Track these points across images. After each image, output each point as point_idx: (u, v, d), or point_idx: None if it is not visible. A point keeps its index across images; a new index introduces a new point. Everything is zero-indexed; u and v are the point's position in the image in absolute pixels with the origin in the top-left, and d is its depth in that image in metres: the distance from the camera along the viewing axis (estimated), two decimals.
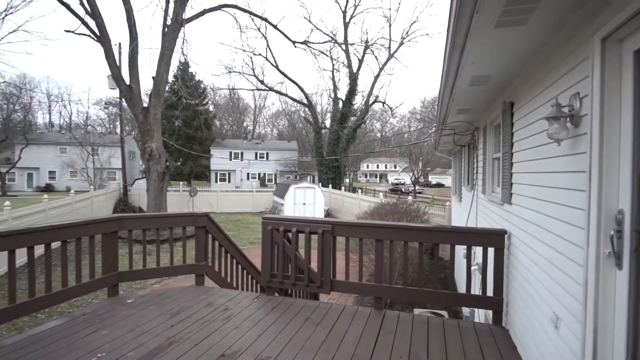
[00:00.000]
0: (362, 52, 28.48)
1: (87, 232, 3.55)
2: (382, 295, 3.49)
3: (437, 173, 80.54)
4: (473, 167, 5.97)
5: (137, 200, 21.23)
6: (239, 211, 22.21)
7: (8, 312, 2.87)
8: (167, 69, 14.05)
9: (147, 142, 13.91)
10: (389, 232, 3.45)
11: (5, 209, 9.31)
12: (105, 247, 3.75)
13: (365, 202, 17.57)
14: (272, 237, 3.83)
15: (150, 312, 3.39)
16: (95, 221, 3.64)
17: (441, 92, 3.91)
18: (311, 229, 3.66)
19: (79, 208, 14.33)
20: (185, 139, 40.98)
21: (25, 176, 38.77)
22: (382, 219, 8.92)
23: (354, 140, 31.73)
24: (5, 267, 2.92)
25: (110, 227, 3.76)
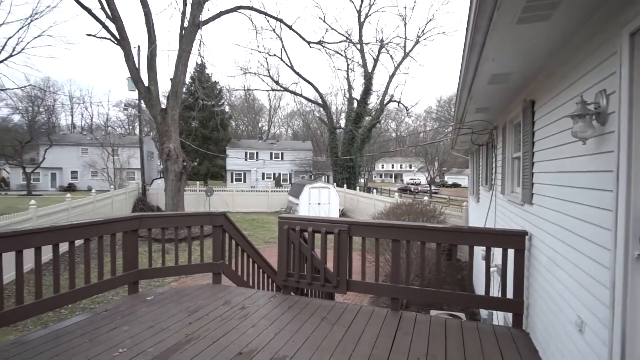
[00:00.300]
0: (377, 52, 28.35)
1: (108, 231, 3.64)
2: (398, 296, 3.46)
3: (454, 173, 79.47)
4: (491, 166, 5.86)
5: (156, 199, 21.67)
6: (254, 211, 22.39)
7: (34, 307, 2.97)
8: (184, 70, 14.28)
9: (165, 142, 14.17)
10: (405, 232, 3.41)
11: (31, 208, 9.64)
12: (126, 245, 3.84)
13: (381, 202, 17.47)
14: (288, 237, 3.84)
15: (169, 309, 3.46)
16: (116, 220, 3.73)
17: (459, 90, 3.86)
18: (327, 228, 3.66)
19: (100, 207, 14.72)
20: (202, 140, 41.59)
21: (49, 176, 40.03)
22: (398, 219, 8.85)
23: (368, 140, 31.59)
24: (31, 264, 3.02)
25: (130, 226, 3.85)
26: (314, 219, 3.77)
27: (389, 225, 3.51)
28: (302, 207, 19.42)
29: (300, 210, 19.47)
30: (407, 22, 27.82)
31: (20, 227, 9.11)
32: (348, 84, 31.48)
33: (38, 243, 2.97)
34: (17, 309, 2.84)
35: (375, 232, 3.56)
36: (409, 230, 3.40)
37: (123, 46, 13.33)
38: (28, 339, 2.81)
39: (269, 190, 24.19)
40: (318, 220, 3.76)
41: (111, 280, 3.68)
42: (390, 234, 3.48)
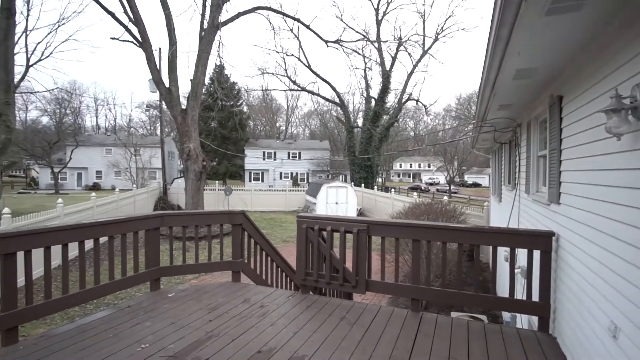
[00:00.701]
0: (395, 50, 28.03)
1: (131, 228, 3.72)
2: (419, 297, 3.40)
3: (474, 172, 77.92)
4: (515, 165, 5.70)
5: (176, 198, 22.11)
6: (272, 210, 22.55)
7: (60, 302, 3.06)
8: (204, 71, 14.50)
9: (185, 142, 14.43)
10: (427, 232, 3.35)
11: (58, 206, 9.98)
12: (148, 243, 3.91)
13: (399, 202, 17.29)
14: (307, 236, 3.84)
15: (190, 306, 3.50)
16: (139, 218, 3.81)
17: (482, 87, 3.76)
18: (346, 228, 3.63)
19: (123, 206, 15.11)
20: (221, 140, 42.17)
21: (75, 175, 41.44)
22: (417, 219, 8.72)
23: (386, 139, 31.31)
24: (58, 260, 3.12)
25: (152, 224, 3.92)
26: (332, 218, 3.75)
27: (410, 225, 3.45)
28: (319, 207, 19.43)
29: (317, 209, 19.48)
30: (425, 19, 27.41)
31: (48, 224, 9.46)
32: (366, 82, 31.30)
33: (65, 240, 3.06)
34: (45, 304, 2.93)
35: (395, 231, 3.51)
36: (431, 230, 3.33)
37: (145, 48, 13.65)
38: (55, 332, 2.89)
39: (287, 190, 24.32)
40: (337, 220, 3.74)
41: (134, 277, 3.76)
42: (410, 233, 3.42)
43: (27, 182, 43.80)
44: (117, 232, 3.57)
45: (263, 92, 71.95)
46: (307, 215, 3.89)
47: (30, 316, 2.86)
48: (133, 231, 3.74)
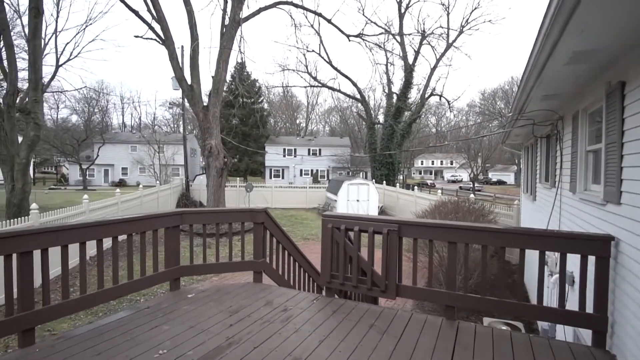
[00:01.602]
0: (418, 43, 27.33)
1: (151, 226, 3.60)
2: (455, 304, 3.12)
3: (498, 170, 75.85)
4: (554, 161, 5.28)
5: (198, 195, 22.34)
6: (292, 207, 22.47)
7: (78, 302, 2.95)
8: (225, 67, 14.47)
9: (207, 139, 14.46)
10: (465, 234, 3.05)
11: (84, 202, 10.13)
12: (167, 241, 3.78)
13: (423, 200, 16.83)
14: (332, 236, 3.61)
15: (210, 308, 3.34)
16: (159, 215, 3.68)
17: (526, 74, 3.42)
18: (375, 228, 3.38)
19: (147, 202, 15.32)
20: (242, 137, 42.48)
21: (102, 172, 42.73)
22: (444, 218, 8.36)
23: (408, 136, 30.69)
24: (76, 259, 3.01)
25: (172, 222, 3.78)
26: (360, 217, 3.51)
27: (446, 225, 3.17)
28: (340, 204, 19.17)
29: (338, 206, 19.24)
30: (450, 11, 26.56)
31: (74, 220, 9.62)
32: (387, 78, 30.70)
33: (82, 238, 2.95)
34: (62, 305, 2.83)
35: (430, 233, 3.23)
36: (470, 232, 3.04)
37: (167, 46, 13.73)
38: (73, 334, 2.79)
39: (307, 187, 24.18)
40: (365, 219, 3.49)
41: (154, 276, 3.64)
42: (446, 235, 3.14)
43: (57, 179, 45.50)
44: (136, 230, 3.44)
45: (284, 89, 72.13)
46: (333, 215, 3.66)
47: (47, 317, 2.76)
48: (152, 229, 3.62)
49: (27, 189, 10.56)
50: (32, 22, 9.37)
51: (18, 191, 10.23)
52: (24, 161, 10.18)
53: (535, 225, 7.29)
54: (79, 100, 49.08)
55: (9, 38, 11.01)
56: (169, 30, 13.71)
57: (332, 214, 3.68)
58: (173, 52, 13.82)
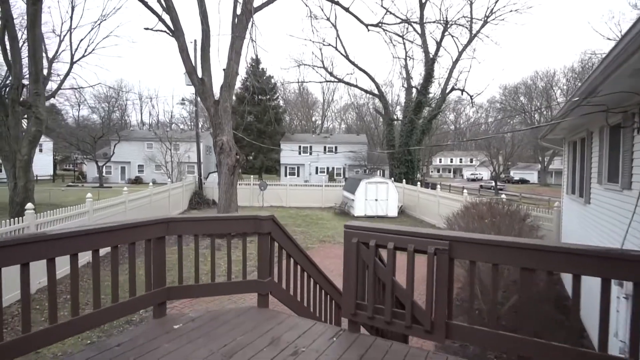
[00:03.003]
0: (440, 34, 26.05)
1: (127, 239, 2.82)
2: (534, 354, 2.21)
3: (520, 168, 73.40)
4: (628, 157, 4.28)
5: (211, 193, 21.79)
6: (307, 206, 21.69)
7: (19, 344, 2.19)
8: (237, 60, 13.74)
9: (218, 135, 13.79)
10: (552, 258, 2.15)
11: (87, 201, 9.57)
12: (150, 256, 3.01)
13: (447, 200, 15.78)
14: (358, 254, 2.76)
15: (197, 348, 2.54)
16: (138, 224, 2.90)
17: (623, 42, 2.48)
18: (417, 245, 2.51)
19: (157, 200, 14.80)
20: (257, 134, 42.00)
21: (119, 169, 42.97)
22: (480, 222, 7.39)
23: (428, 132, 29.46)
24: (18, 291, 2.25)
25: (156, 232, 3.00)
26: (396, 230, 2.63)
27: (521, 245, 2.26)
28: (357, 203, 18.27)
29: (355, 206, 18.35)
30: (473, 1, 25.12)
31: (73, 222, 9.07)
32: (406, 72, 29.49)
33: (23, 258, 2.18)
34: None
35: (496, 254, 2.33)
36: (562, 255, 2.12)
37: (177, 37, 13.09)
38: None
39: (323, 185, 23.35)
40: (403, 233, 2.62)
41: (130, 302, 2.86)
42: (521, 258, 2.24)
43: (74, 176, 46.07)
44: (106, 245, 2.67)
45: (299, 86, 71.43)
46: (360, 226, 2.80)
47: None
48: (129, 242, 2.85)
49: (30, 187, 10.08)
50: (31, 9, 8.84)
51: (20, 189, 9.76)
52: (25, 157, 9.70)
53: (588, 235, 6.26)
54: (99, 99, 49.57)
55: (12, 30, 10.55)
56: (179, 21, 13.07)
57: (359, 225, 2.82)
58: (183, 43, 13.17)
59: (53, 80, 26.09)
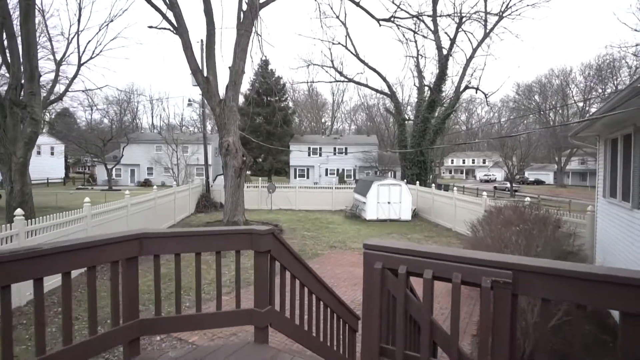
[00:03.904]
0: (454, 30, 25.17)
1: (83, 262, 2.20)
2: None
3: (534, 169, 71.73)
4: None
5: (219, 195, 21.30)
6: (317, 209, 21.06)
7: None
8: (243, 57, 13.20)
9: (224, 136, 13.26)
10: None
11: (85, 205, 9.07)
12: (116, 283, 2.39)
13: (464, 203, 14.96)
14: (383, 283, 2.09)
15: None
16: (98, 243, 2.27)
17: None
18: (466, 275, 1.83)
19: (162, 204, 14.32)
20: (266, 135, 41.59)
21: (129, 172, 42.97)
22: (507, 230, 6.63)
23: (442, 132, 28.54)
24: None
25: (125, 252, 2.39)
26: (436, 254, 1.96)
27: (615, 279, 1.56)
28: (369, 206, 17.55)
29: (367, 209, 17.63)
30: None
31: (71, 227, 8.57)
32: (418, 71, 28.67)
33: None
34: None
35: (588, 291, 1.63)
36: None
37: (181, 34, 12.62)
38: None
39: (333, 187, 22.68)
40: (445, 257, 1.93)
41: (92, 342, 2.23)
42: (621, 299, 1.54)
43: (84, 179, 46.28)
44: (55, 271, 2.06)
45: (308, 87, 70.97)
46: (386, 246, 2.13)
47: None
48: (88, 265, 2.23)
49: (27, 191, 9.65)
50: (24, 3, 8.43)
51: (17, 193, 9.33)
52: (21, 160, 9.26)
53: (625, 241, 5.47)
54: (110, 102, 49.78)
55: (10, 27, 10.17)
56: (183, 18, 12.60)
57: (383, 243, 2.15)
58: (187, 41, 12.69)
59: (62, 83, 25.96)
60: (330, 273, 9.24)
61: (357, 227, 15.84)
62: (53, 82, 22.66)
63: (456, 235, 14.36)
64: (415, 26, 22.00)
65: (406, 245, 2.09)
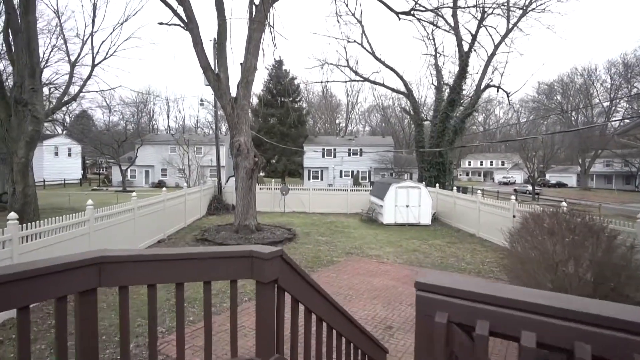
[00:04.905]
0: (474, 26, 24.14)
1: (15, 300, 1.55)
2: None
3: (556, 171, 69.34)
4: None
5: (231, 197, 20.74)
6: (332, 212, 20.34)
7: None
8: (255, 53, 12.61)
9: (235, 135, 12.70)
10: None
11: (88, 208, 8.59)
12: (63, 329, 1.72)
13: (490, 207, 14.01)
14: (447, 343, 1.35)
15: None
16: (37, 272, 1.61)
17: None
18: (599, 348, 1.08)
19: (172, 206, 13.84)
20: (280, 136, 41.11)
21: (143, 173, 43.11)
22: (553, 241, 5.77)
23: (461, 133, 27.44)
24: None
25: (78, 282, 1.72)
26: (545, 306, 1.22)
27: None
28: (387, 210, 16.73)
29: (384, 212, 16.81)
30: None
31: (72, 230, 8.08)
32: (436, 69, 27.69)
33: None
34: None
35: None
36: None
37: (191, 29, 12.12)
38: None
39: (348, 190, 21.91)
40: (558, 314, 1.19)
41: None
42: None
43: (100, 180, 46.70)
44: None
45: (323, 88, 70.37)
46: (451, 287, 1.39)
47: None
48: (18, 307, 1.57)
49: (30, 192, 9.24)
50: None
51: (19, 195, 8.91)
52: (22, 160, 8.85)
53: None
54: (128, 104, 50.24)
55: (15, 23, 9.81)
56: (193, 12, 12.10)
57: (447, 283, 1.41)
58: (197, 36, 12.17)
59: (78, 85, 26.01)
60: (347, 283, 8.51)
61: (374, 232, 15.05)
62: (67, 83, 22.64)
63: (481, 242, 13.43)
64: (435, 19, 21.11)
65: (488, 287, 1.34)
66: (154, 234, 12.22)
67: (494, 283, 1.44)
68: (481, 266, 10.23)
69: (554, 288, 4.84)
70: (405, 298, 7.66)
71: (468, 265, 10.32)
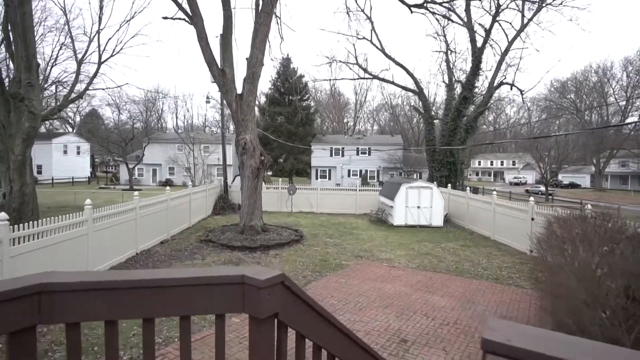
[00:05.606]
0: (489, 21, 23.43)
1: None
2: None
3: (569, 171, 67.81)
4: None
5: (237, 197, 20.37)
6: (340, 212, 19.85)
7: None
8: (261, 47, 12.18)
9: (241, 133, 12.28)
10: None
11: (86, 208, 8.23)
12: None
13: (505, 209, 13.40)
14: None
15: None
16: None
17: None
18: None
19: (175, 206, 13.47)
20: (287, 135, 40.67)
21: (151, 172, 43.06)
22: (589, 251, 5.21)
23: (473, 131, 26.71)
24: None
25: (11, 319, 1.26)
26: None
27: None
28: (397, 211, 16.19)
29: (395, 213, 16.27)
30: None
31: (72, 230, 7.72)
32: (448, 67, 26.98)
33: None
34: None
35: None
36: None
37: (195, 23, 11.72)
38: None
39: (357, 189, 21.39)
40: None
41: None
42: None
43: (107, 178, 46.80)
44: None
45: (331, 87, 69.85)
46: (533, 351, 0.89)
47: None
48: None
49: (27, 191, 8.92)
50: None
51: (16, 194, 8.59)
52: (19, 158, 8.53)
53: None
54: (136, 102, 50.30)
55: (14, 15, 9.50)
56: (197, 6, 11.70)
57: (528, 345, 0.93)
58: (201, 30, 11.77)
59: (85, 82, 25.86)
60: (357, 290, 8.02)
61: (384, 234, 14.53)
62: (74, 81, 22.47)
63: (496, 245, 12.83)
64: (448, 13, 20.47)
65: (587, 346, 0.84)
66: (157, 234, 11.86)
67: (593, 342, 0.93)
68: (499, 272, 9.65)
69: (597, 305, 4.29)
70: (420, 307, 7.15)
71: (485, 270, 9.75)
